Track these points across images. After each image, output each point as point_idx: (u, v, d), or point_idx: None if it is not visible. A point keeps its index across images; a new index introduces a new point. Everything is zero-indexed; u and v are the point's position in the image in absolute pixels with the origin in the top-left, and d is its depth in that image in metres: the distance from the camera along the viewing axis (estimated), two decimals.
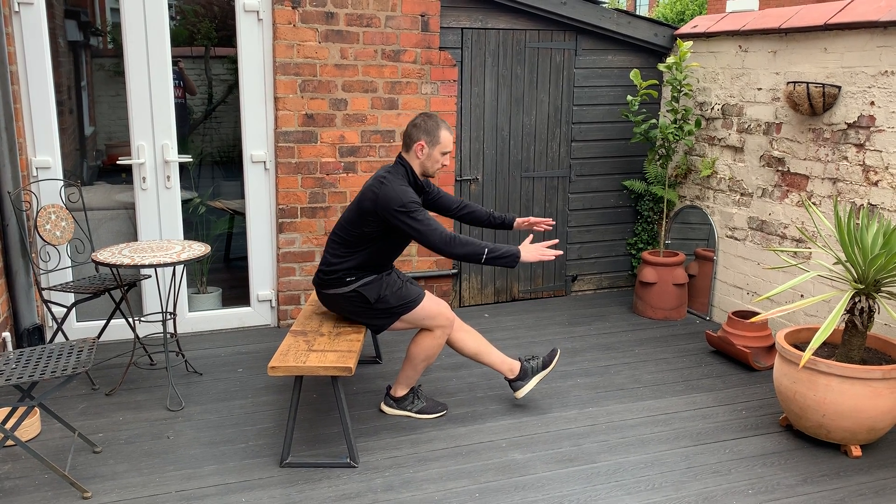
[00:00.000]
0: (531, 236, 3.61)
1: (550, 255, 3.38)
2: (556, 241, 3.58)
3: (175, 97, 5.31)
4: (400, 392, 3.72)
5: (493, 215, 3.86)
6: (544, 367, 3.76)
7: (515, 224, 3.87)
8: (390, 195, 3.33)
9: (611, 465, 3.30)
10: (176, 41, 5.55)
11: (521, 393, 3.74)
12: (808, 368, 3.32)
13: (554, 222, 3.88)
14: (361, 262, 3.50)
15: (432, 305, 3.54)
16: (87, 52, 5.47)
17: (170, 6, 4.45)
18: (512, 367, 3.73)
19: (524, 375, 3.73)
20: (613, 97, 5.48)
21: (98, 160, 5.51)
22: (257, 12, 4.54)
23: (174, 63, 5.41)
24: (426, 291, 3.59)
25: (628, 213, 5.74)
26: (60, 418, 3.26)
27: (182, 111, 5.56)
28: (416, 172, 3.51)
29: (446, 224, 4.95)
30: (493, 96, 5.17)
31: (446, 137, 3.48)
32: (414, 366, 3.62)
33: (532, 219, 3.85)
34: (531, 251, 3.39)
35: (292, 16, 4.54)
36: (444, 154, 3.50)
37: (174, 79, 5.36)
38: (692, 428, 3.64)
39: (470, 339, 3.68)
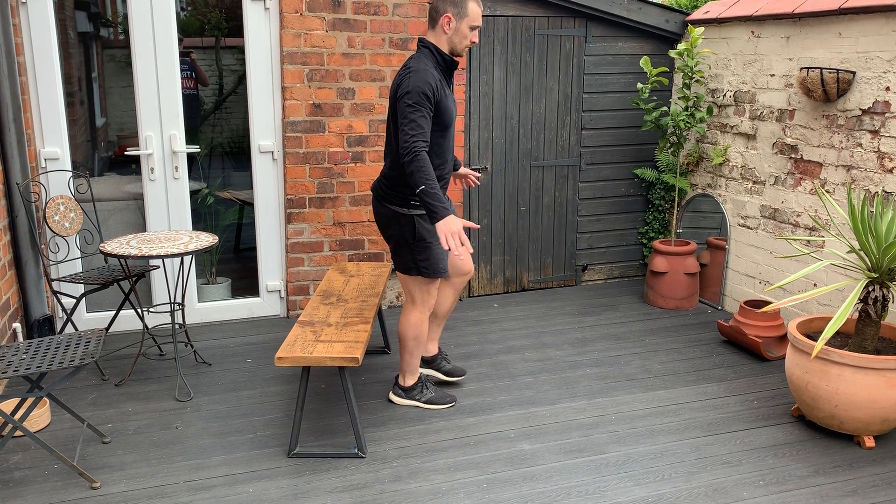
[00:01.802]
0: (470, 179, 3.63)
1: (454, 247, 3.01)
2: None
3: (187, 88, 5.31)
4: (408, 381, 3.71)
5: (456, 165, 3.75)
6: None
7: (459, 170, 3.78)
8: (411, 80, 3.13)
9: (620, 455, 3.27)
10: (187, 32, 5.54)
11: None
12: (820, 358, 3.27)
13: (479, 180, 3.79)
14: None
15: (434, 288, 3.54)
16: (98, 43, 5.47)
17: None
18: (432, 349, 3.85)
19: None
20: (624, 84, 5.42)
21: (109, 151, 5.52)
22: (264, 1, 4.51)
23: (186, 54, 5.41)
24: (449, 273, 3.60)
25: (639, 201, 5.68)
26: (69, 409, 3.27)
27: (194, 102, 5.56)
28: (442, 51, 3.27)
29: None
30: (502, 84, 5.13)
31: (475, 10, 3.23)
32: (407, 348, 3.62)
33: (470, 172, 3.80)
34: (449, 226, 3.02)
35: (299, 4, 4.51)
36: (472, 29, 3.25)
37: (186, 70, 5.36)
38: (703, 418, 3.61)
39: (449, 303, 3.75)
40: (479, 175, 3.82)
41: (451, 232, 3.02)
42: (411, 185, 3.11)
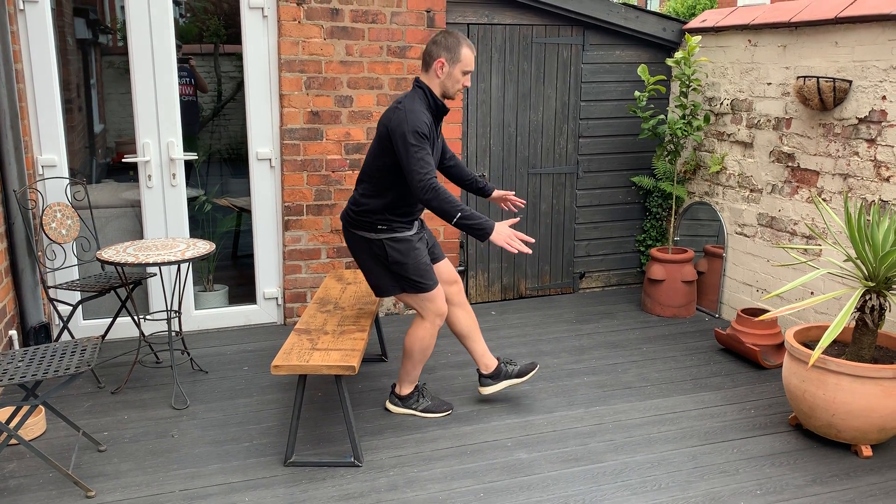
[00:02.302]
0: (509, 199, 3.58)
1: (517, 247, 3.16)
2: (532, 240, 3.36)
3: (186, 94, 5.31)
4: (405, 390, 3.70)
5: (476, 180, 3.74)
6: (519, 375, 3.72)
7: (493, 195, 3.77)
8: (401, 118, 3.19)
9: (617, 464, 3.26)
10: (185, 38, 5.55)
11: (487, 391, 3.73)
12: (817, 367, 3.27)
13: (524, 204, 3.80)
14: (389, 204, 3.35)
15: (436, 294, 3.50)
16: (97, 50, 5.48)
17: (179, 3, 4.44)
18: (489, 363, 3.73)
19: (496, 375, 3.72)
20: (621, 93, 5.43)
21: (107, 158, 5.52)
22: (262, 9, 4.52)
23: (185, 60, 5.41)
24: (439, 284, 3.54)
25: (637, 209, 5.69)
26: (65, 417, 3.26)
27: (193, 108, 5.56)
28: (435, 94, 3.33)
29: None
30: (500, 92, 5.14)
31: (467, 55, 3.28)
32: (412, 359, 3.60)
33: (510, 194, 3.75)
34: (502, 234, 3.18)
35: (297, 12, 4.52)
36: (465, 73, 3.31)
37: (186, 76, 5.36)
38: (700, 427, 3.61)
39: (466, 319, 3.67)
40: (523, 202, 3.78)
41: (508, 238, 3.16)
42: (444, 219, 3.18)
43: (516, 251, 3.17)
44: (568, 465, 3.26)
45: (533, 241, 3.33)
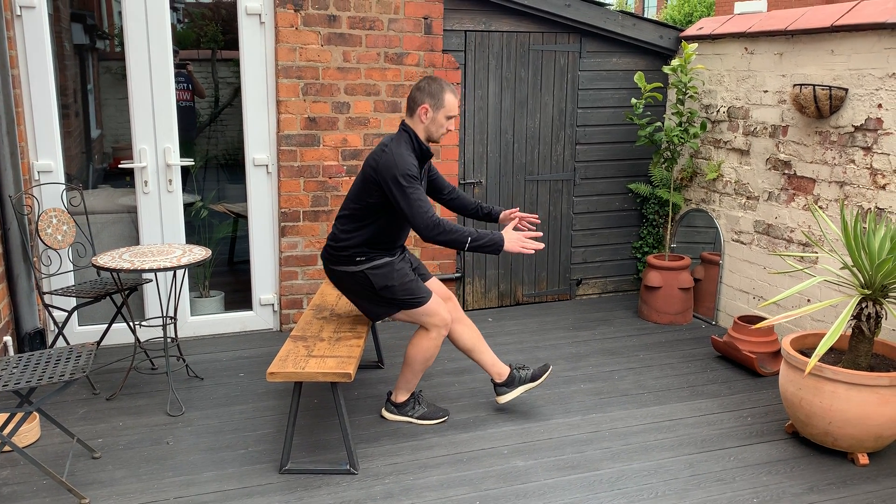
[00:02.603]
0: (512, 213, 3.58)
1: (531, 247, 3.29)
2: (540, 234, 3.46)
3: (184, 100, 5.31)
4: (401, 397, 3.69)
5: (480, 206, 3.77)
6: (533, 379, 3.71)
7: (501, 217, 3.78)
8: (389, 162, 3.25)
9: (614, 472, 3.26)
10: (183, 44, 5.55)
11: (504, 399, 3.72)
12: (814, 375, 3.27)
13: (538, 219, 3.80)
14: (369, 239, 3.41)
15: (434, 304, 3.50)
16: (94, 56, 5.48)
17: (177, 9, 4.44)
18: (501, 371, 3.70)
19: (510, 382, 3.70)
20: (618, 100, 5.44)
21: (104, 163, 5.51)
22: (259, 15, 4.52)
23: (183, 66, 5.41)
24: (433, 294, 3.55)
25: (633, 216, 5.69)
26: (59, 423, 3.25)
27: (191, 114, 5.56)
28: (420, 138, 3.40)
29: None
30: (497, 99, 5.14)
31: (451, 100, 3.37)
32: (413, 369, 3.59)
33: (518, 213, 3.73)
34: (513, 241, 3.30)
35: (294, 19, 4.52)
36: (448, 118, 3.39)
37: (183, 82, 5.36)
38: (696, 435, 3.60)
39: (468, 333, 3.65)
40: (537, 218, 3.78)
41: (520, 243, 3.30)
42: (455, 248, 3.30)
43: (533, 251, 3.28)
44: (564, 472, 3.25)
45: (541, 234, 3.45)
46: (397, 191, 3.24)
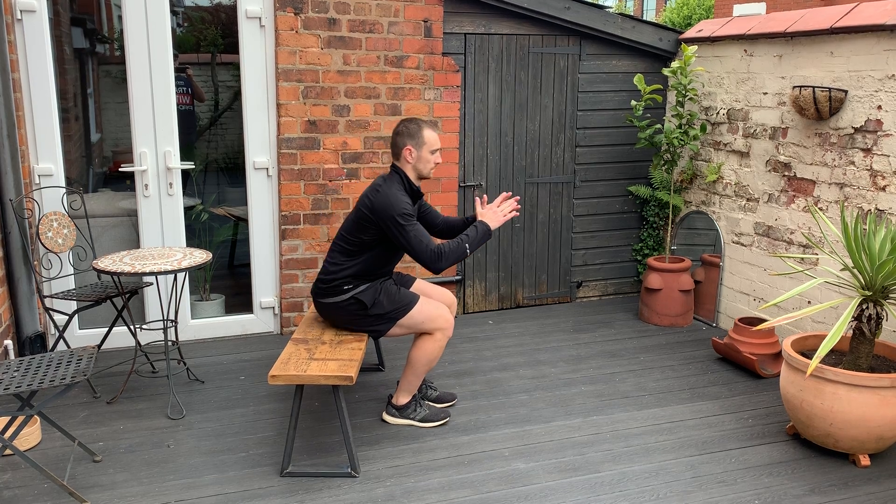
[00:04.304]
0: (480, 201, 3.63)
1: (510, 211, 3.55)
2: (508, 193, 3.68)
3: (184, 104, 5.30)
4: (402, 400, 3.69)
5: (465, 219, 3.83)
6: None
7: (477, 216, 3.69)
8: (384, 203, 3.37)
9: (615, 474, 3.25)
10: (183, 48, 5.55)
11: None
12: (815, 376, 3.27)
13: (511, 195, 3.88)
14: (359, 271, 3.51)
15: (429, 308, 3.53)
16: (94, 59, 5.48)
17: (177, 13, 4.44)
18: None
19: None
20: (618, 102, 5.45)
21: (104, 167, 5.51)
22: (259, 18, 4.53)
23: (183, 70, 5.42)
24: (420, 296, 3.58)
25: (634, 218, 5.70)
26: (60, 427, 3.24)
27: (191, 118, 5.56)
28: (410, 178, 3.53)
29: None
30: (497, 102, 5.15)
31: (431, 136, 3.50)
32: (415, 371, 3.59)
33: (502, 201, 3.67)
34: (494, 218, 3.54)
35: (294, 22, 4.53)
36: (433, 153, 3.51)
37: (183, 85, 5.36)
38: (698, 436, 3.60)
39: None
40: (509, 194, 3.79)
41: (500, 215, 3.54)
42: (462, 259, 3.50)
43: (514, 212, 3.57)
44: (565, 475, 3.25)
45: (509, 194, 3.72)
46: (397, 230, 3.36)
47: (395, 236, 3.38)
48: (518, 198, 3.74)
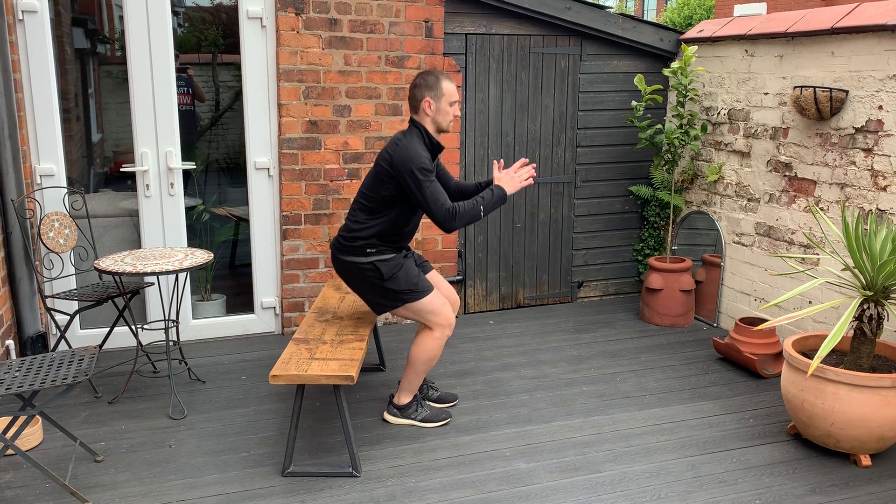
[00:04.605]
0: (498, 166, 3.62)
1: (527, 177, 3.53)
2: (526, 159, 3.63)
3: (184, 104, 5.31)
4: (403, 400, 3.69)
5: (479, 184, 3.83)
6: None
7: (494, 179, 3.68)
8: (404, 156, 3.33)
9: (616, 474, 3.26)
10: (184, 48, 5.55)
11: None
12: (815, 376, 3.27)
13: (528, 162, 3.86)
14: (381, 231, 3.47)
15: (438, 302, 3.53)
16: (95, 60, 5.48)
17: (178, 13, 4.45)
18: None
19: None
20: (619, 102, 5.45)
21: (105, 167, 5.52)
22: (261, 19, 4.53)
23: (183, 70, 5.42)
24: (434, 287, 3.58)
25: (634, 218, 5.70)
26: (62, 427, 3.25)
27: (191, 118, 5.56)
28: (429, 132, 3.48)
29: None
30: (498, 102, 5.15)
31: (449, 87, 3.46)
32: (415, 369, 3.59)
33: (519, 168, 3.64)
34: (511, 183, 3.51)
35: (296, 22, 4.53)
36: (451, 104, 3.47)
37: (183, 86, 5.36)
38: (699, 437, 3.60)
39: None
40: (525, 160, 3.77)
41: (519, 184, 3.52)
42: (474, 222, 3.53)
43: (530, 179, 3.54)
44: (567, 475, 3.25)
45: (527, 160, 3.64)
46: (414, 184, 3.32)
47: (412, 191, 3.34)
48: (535, 164, 3.69)
